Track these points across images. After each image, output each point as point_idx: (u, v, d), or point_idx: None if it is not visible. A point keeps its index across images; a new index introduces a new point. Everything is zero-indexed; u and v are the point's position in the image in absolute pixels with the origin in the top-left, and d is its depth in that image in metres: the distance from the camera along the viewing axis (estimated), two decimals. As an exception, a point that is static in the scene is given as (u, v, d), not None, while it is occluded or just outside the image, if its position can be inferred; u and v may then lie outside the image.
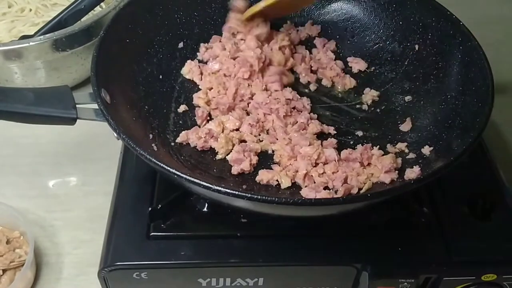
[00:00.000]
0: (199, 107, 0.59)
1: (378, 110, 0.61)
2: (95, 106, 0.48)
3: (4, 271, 0.55)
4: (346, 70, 0.65)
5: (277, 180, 0.51)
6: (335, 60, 0.65)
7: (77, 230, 0.61)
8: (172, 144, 0.55)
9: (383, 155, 0.53)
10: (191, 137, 0.55)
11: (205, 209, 0.53)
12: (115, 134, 0.46)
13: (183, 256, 0.50)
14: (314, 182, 0.51)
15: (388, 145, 0.55)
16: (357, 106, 0.61)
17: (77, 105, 0.49)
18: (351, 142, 0.57)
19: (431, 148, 0.54)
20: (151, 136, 0.54)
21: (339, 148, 0.55)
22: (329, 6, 0.68)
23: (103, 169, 0.66)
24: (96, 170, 0.67)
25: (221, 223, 0.53)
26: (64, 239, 0.61)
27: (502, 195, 0.57)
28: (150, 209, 0.52)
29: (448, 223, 0.54)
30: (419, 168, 0.51)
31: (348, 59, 0.65)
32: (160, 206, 0.52)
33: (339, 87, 0.63)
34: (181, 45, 0.64)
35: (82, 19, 0.71)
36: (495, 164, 0.60)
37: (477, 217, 0.55)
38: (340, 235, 0.52)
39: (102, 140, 0.68)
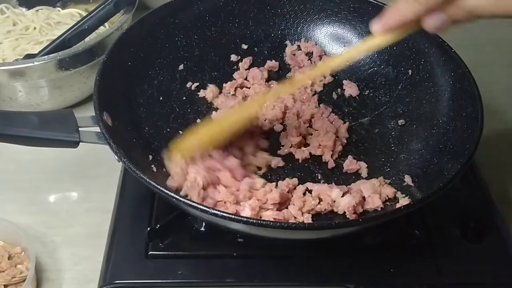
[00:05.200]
0: None
1: (371, 134, 0.62)
2: (97, 129, 0.50)
3: (5, 286, 0.56)
4: (338, 94, 0.67)
5: None
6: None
7: (77, 246, 0.62)
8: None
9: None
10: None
11: (202, 228, 0.55)
12: (116, 157, 0.48)
13: (180, 276, 0.51)
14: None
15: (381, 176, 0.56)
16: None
17: (79, 128, 0.50)
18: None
19: (422, 173, 0.55)
20: (150, 157, 0.55)
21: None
22: (324, 30, 0.70)
23: (103, 185, 0.67)
24: (96, 187, 0.68)
25: (218, 242, 0.54)
26: (65, 255, 0.61)
27: (493, 217, 0.58)
28: (148, 229, 0.53)
29: (440, 246, 0.55)
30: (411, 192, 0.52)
31: (344, 82, 0.67)
32: (158, 226, 0.53)
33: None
34: (181, 67, 0.65)
35: (86, 39, 0.73)
36: (486, 186, 0.62)
37: (469, 240, 0.56)
38: (334, 256, 0.54)
39: (103, 157, 0.69)
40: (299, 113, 0.62)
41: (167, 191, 0.45)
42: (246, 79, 0.67)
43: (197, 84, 0.66)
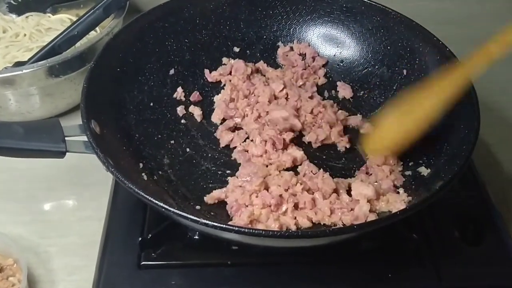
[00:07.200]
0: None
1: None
2: (86, 138, 0.49)
3: (-3, 300, 0.55)
4: (332, 96, 0.66)
5: None
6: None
7: (71, 256, 0.61)
8: (160, 173, 0.55)
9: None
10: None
11: (196, 237, 0.54)
12: (104, 167, 0.47)
13: (174, 286, 0.50)
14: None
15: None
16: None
17: (66, 138, 0.49)
18: (339, 167, 0.57)
19: (419, 175, 0.54)
20: (141, 165, 0.55)
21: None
22: (317, 31, 0.69)
23: (97, 194, 0.66)
24: (90, 195, 0.67)
25: (212, 250, 0.53)
26: (58, 266, 0.61)
27: (493, 218, 0.57)
28: (140, 239, 0.53)
29: (439, 249, 0.54)
30: (407, 196, 0.51)
31: (338, 83, 0.66)
32: (150, 235, 0.52)
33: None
34: (172, 71, 0.64)
35: (76, 45, 0.72)
36: (485, 186, 0.61)
37: (468, 242, 0.55)
38: (331, 262, 0.53)
39: (97, 164, 0.68)
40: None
41: (156, 201, 0.44)
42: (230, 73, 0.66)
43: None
